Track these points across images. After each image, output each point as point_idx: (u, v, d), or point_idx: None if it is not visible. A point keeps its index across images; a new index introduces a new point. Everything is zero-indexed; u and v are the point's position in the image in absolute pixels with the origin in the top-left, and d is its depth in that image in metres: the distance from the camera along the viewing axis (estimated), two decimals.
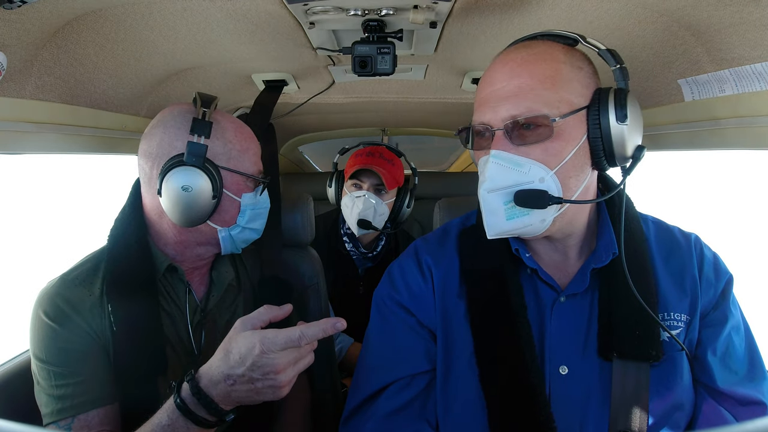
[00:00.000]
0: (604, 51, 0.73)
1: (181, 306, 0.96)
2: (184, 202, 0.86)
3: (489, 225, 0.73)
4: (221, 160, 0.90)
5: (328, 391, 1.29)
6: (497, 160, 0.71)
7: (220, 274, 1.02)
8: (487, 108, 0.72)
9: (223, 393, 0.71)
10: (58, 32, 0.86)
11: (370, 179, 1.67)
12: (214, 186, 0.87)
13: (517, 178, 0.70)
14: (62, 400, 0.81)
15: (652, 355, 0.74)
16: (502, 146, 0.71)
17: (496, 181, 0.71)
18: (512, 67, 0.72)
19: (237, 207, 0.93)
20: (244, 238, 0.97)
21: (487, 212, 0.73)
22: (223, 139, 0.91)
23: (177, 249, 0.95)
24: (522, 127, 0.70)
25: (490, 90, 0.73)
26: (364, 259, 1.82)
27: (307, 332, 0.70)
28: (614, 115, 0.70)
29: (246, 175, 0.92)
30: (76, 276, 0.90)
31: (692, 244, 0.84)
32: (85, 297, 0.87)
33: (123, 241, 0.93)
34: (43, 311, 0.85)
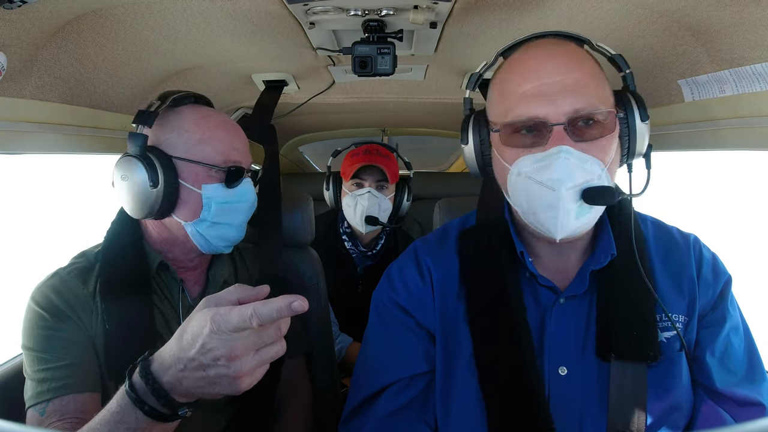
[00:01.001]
0: (617, 56, 0.74)
1: (175, 304, 0.96)
2: (126, 192, 0.87)
3: (562, 226, 0.69)
4: (178, 151, 0.89)
5: (328, 390, 1.29)
6: (568, 156, 0.67)
7: (216, 272, 1.02)
8: (542, 101, 0.68)
9: (173, 380, 0.60)
10: (58, 32, 0.86)
11: (372, 176, 1.68)
12: (152, 175, 0.85)
13: (584, 175, 0.68)
14: (41, 383, 0.81)
15: (650, 355, 0.74)
16: (566, 142, 0.67)
17: (572, 179, 0.67)
18: (563, 61, 0.69)
19: (199, 199, 0.90)
20: (218, 234, 0.92)
21: (563, 212, 0.68)
22: (179, 129, 0.90)
23: (164, 246, 0.95)
24: (581, 124, 0.68)
25: (539, 82, 0.69)
26: (364, 258, 1.83)
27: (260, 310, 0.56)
28: (638, 115, 0.72)
29: (203, 164, 0.90)
30: (71, 270, 0.91)
31: (691, 244, 0.84)
32: (78, 291, 0.88)
33: (118, 240, 0.94)
34: (35, 301, 0.86)
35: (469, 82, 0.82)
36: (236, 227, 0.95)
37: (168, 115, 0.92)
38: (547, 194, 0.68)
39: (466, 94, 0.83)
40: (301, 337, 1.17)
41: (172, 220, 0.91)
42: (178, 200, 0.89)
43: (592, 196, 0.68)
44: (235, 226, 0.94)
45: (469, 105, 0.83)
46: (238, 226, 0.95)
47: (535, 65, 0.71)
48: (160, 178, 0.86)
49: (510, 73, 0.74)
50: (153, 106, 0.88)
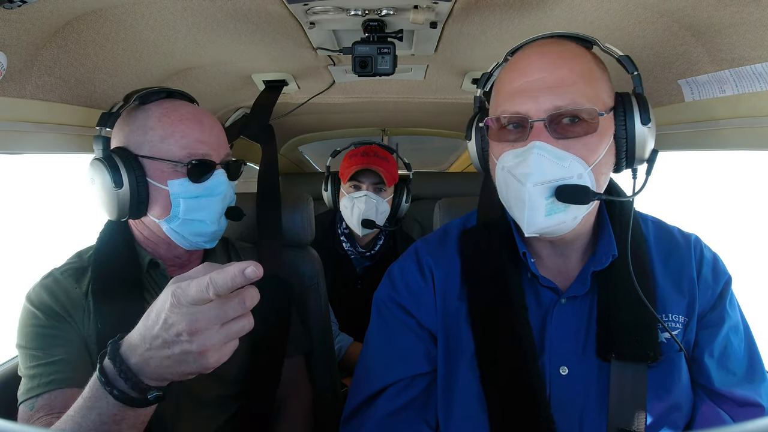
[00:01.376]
0: (624, 57, 0.73)
1: None
2: (96, 195, 0.88)
3: (529, 221, 0.70)
4: (143, 150, 0.89)
5: (328, 390, 1.29)
6: (541, 152, 0.67)
7: None
8: (525, 98, 0.69)
9: (141, 360, 0.58)
10: (58, 32, 0.87)
11: (369, 179, 1.67)
12: (114, 176, 0.85)
13: (559, 172, 0.68)
14: (32, 379, 0.82)
15: (650, 356, 0.74)
16: (543, 138, 0.68)
17: (541, 174, 0.67)
18: (551, 60, 0.70)
19: (167, 196, 0.89)
20: (193, 230, 0.91)
21: (528, 207, 0.69)
22: (144, 127, 0.90)
23: (150, 246, 0.96)
24: (564, 120, 0.68)
25: (525, 80, 0.70)
26: (362, 259, 1.82)
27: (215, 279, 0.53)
28: (639, 118, 0.71)
29: (165, 160, 0.88)
30: (65, 271, 0.92)
31: (692, 245, 0.84)
32: (71, 291, 0.89)
33: (110, 240, 0.95)
34: (29, 301, 0.87)
35: (480, 81, 0.83)
36: (211, 222, 0.92)
37: (136, 114, 0.92)
38: (518, 188, 0.70)
39: (477, 93, 0.84)
40: (300, 336, 1.17)
41: (148, 219, 0.92)
42: (149, 199, 0.89)
43: (564, 193, 0.68)
44: (210, 221, 0.92)
45: (478, 103, 0.83)
46: (214, 220, 0.93)
47: (525, 64, 0.72)
48: (123, 179, 0.86)
49: (505, 72, 0.75)
50: (115, 107, 0.89)
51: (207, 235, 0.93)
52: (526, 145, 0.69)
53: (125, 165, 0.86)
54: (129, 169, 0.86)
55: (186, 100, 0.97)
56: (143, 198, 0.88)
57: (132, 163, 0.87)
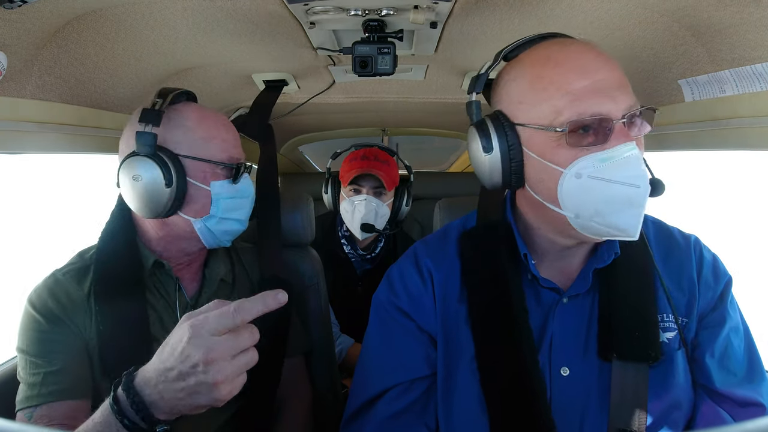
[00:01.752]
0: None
1: (171, 302, 0.96)
2: (138, 192, 0.87)
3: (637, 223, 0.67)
4: (182, 149, 0.90)
5: (328, 391, 1.29)
6: (638, 151, 0.65)
7: (212, 270, 1.02)
8: (603, 98, 0.65)
9: (155, 393, 0.60)
10: (58, 32, 0.86)
11: (369, 183, 1.67)
12: (166, 174, 0.86)
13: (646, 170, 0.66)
14: (31, 388, 0.82)
15: (651, 356, 0.74)
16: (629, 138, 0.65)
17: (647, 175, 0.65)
18: (606, 59, 0.68)
19: (207, 196, 0.92)
20: (225, 229, 0.95)
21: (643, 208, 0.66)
22: (183, 127, 0.91)
23: (161, 245, 0.95)
24: (634, 118, 0.67)
25: (592, 80, 0.65)
26: (363, 261, 1.82)
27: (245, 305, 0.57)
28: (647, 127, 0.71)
29: (211, 161, 0.91)
30: (67, 272, 0.92)
31: (692, 245, 0.84)
32: (73, 292, 0.89)
33: (112, 240, 0.95)
34: (31, 304, 0.87)
35: (477, 84, 0.76)
36: (242, 221, 0.98)
37: (169, 113, 0.92)
38: (627, 192, 0.65)
39: (473, 97, 0.77)
40: (300, 336, 1.17)
41: (177, 217, 0.92)
42: (186, 198, 0.90)
43: (654, 188, 0.67)
44: (241, 220, 0.97)
45: (477, 108, 0.77)
46: (244, 219, 0.98)
47: (583, 62, 0.67)
48: (173, 177, 0.87)
49: (549, 70, 0.68)
50: (157, 104, 0.88)
51: (234, 233, 0.98)
52: (607, 147, 0.65)
53: (173, 163, 0.87)
54: (176, 168, 0.88)
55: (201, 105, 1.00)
56: (182, 197, 0.90)
57: (176, 162, 0.88)
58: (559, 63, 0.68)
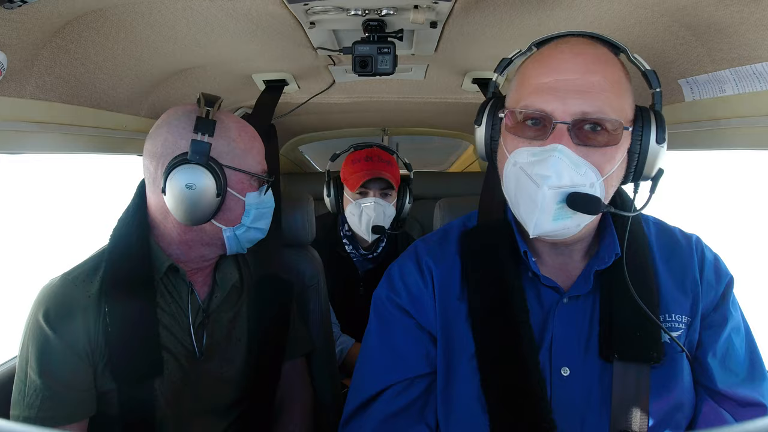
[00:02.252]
0: (650, 71, 0.73)
1: (183, 307, 0.95)
2: (189, 200, 0.86)
3: (537, 223, 0.69)
4: (225, 159, 0.90)
5: (328, 391, 1.29)
6: (562, 156, 0.66)
7: (224, 275, 1.02)
8: (553, 96, 0.67)
9: None
10: (58, 32, 0.86)
11: (377, 185, 1.66)
12: (218, 184, 0.87)
13: (574, 179, 0.67)
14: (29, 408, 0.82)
15: (653, 356, 0.74)
16: (565, 142, 0.66)
17: (558, 179, 0.66)
18: (586, 62, 0.68)
19: (242, 206, 0.93)
20: (250, 237, 0.96)
21: (539, 209, 0.68)
22: (226, 137, 0.91)
23: (181, 249, 0.94)
24: (586, 127, 0.67)
25: (555, 78, 0.68)
26: (365, 261, 1.82)
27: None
28: (655, 136, 0.71)
29: (250, 173, 0.92)
30: (77, 276, 0.90)
31: (693, 245, 0.83)
32: (82, 297, 0.87)
33: (124, 241, 0.93)
34: (42, 313, 0.85)
35: (499, 66, 0.81)
36: (265, 230, 0.99)
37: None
38: (531, 188, 0.68)
39: (493, 78, 0.81)
40: (301, 337, 1.17)
41: (208, 224, 0.91)
42: (223, 206, 0.91)
43: (575, 201, 0.67)
44: (264, 229, 0.99)
45: (493, 88, 0.81)
46: (266, 228, 1.00)
47: (557, 61, 0.70)
48: (223, 188, 0.88)
49: (533, 64, 0.73)
50: (209, 113, 0.88)
51: (255, 241, 0.99)
52: (545, 145, 0.68)
53: (222, 175, 0.88)
54: (223, 179, 0.88)
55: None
56: (220, 205, 0.90)
57: (222, 173, 0.89)
58: (541, 59, 0.72)
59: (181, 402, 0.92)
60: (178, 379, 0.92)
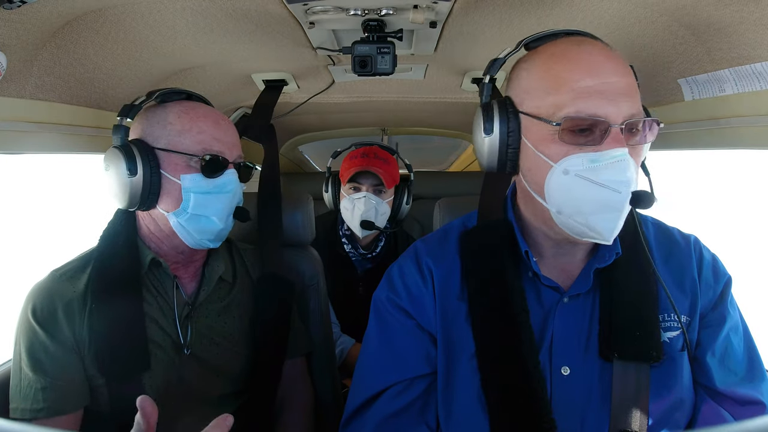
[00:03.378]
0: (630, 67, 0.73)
1: (169, 300, 0.96)
2: (108, 182, 0.90)
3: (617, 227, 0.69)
4: (160, 142, 0.91)
5: (328, 392, 1.29)
6: (630, 159, 0.66)
7: (212, 269, 1.02)
8: (604, 101, 0.66)
9: None
10: (58, 32, 0.87)
11: (369, 180, 1.67)
12: (129, 164, 0.86)
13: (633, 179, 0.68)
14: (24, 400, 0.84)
15: (653, 356, 0.74)
16: (623, 144, 0.66)
17: (632, 183, 0.67)
18: (620, 64, 0.69)
19: (178, 189, 0.90)
20: (200, 227, 0.92)
21: (621, 214, 0.68)
22: (163, 122, 0.92)
23: (154, 241, 0.96)
24: (634, 128, 0.68)
25: (598, 81, 0.66)
26: (364, 260, 1.82)
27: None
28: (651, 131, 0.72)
29: (182, 153, 0.90)
30: (65, 272, 0.92)
31: (691, 245, 0.84)
32: (68, 293, 0.89)
33: (112, 238, 0.96)
34: (30, 309, 0.87)
35: (492, 67, 0.78)
36: (218, 219, 0.93)
37: (156, 110, 0.93)
38: (608, 196, 0.67)
39: (486, 80, 0.79)
40: (302, 336, 1.17)
41: (157, 211, 0.92)
42: (161, 190, 0.91)
43: (638, 199, 0.67)
44: (217, 218, 0.92)
45: (490, 92, 0.79)
46: (221, 217, 0.93)
47: (593, 62, 0.68)
48: (138, 167, 0.87)
49: (561, 65, 0.69)
50: (138, 100, 0.91)
51: (212, 233, 0.94)
52: (601, 150, 0.66)
53: (141, 154, 0.88)
54: (144, 159, 0.88)
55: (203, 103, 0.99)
56: (155, 189, 0.90)
57: (148, 154, 0.89)
58: (570, 60, 0.69)
59: (171, 395, 0.93)
60: (168, 372, 0.93)
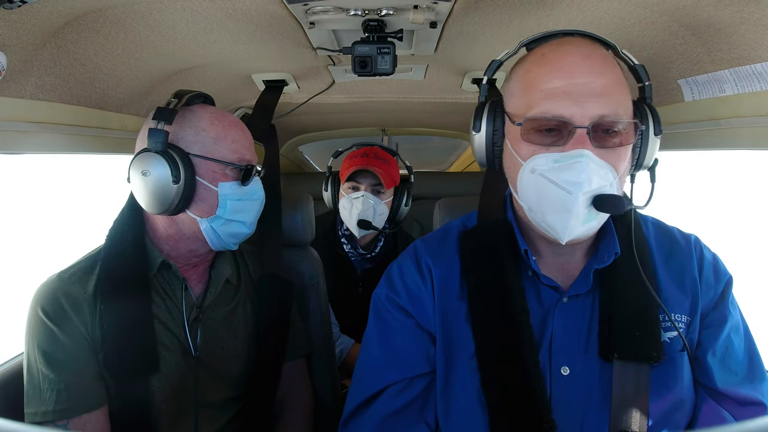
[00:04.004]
0: (640, 66, 0.73)
1: (178, 303, 0.96)
2: (145, 187, 0.88)
3: (571, 228, 0.69)
4: (194, 149, 0.91)
5: (328, 392, 1.29)
6: (589, 161, 0.67)
7: (219, 271, 1.02)
8: (569, 102, 0.67)
9: None
10: (58, 32, 0.87)
11: (368, 180, 1.67)
12: (174, 171, 0.86)
13: (599, 181, 0.68)
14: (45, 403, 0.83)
15: (653, 356, 0.74)
16: (588, 146, 0.67)
17: (589, 184, 0.67)
18: (596, 64, 0.69)
19: (214, 196, 0.92)
20: (230, 231, 0.95)
21: (573, 216, 0.69)
22: (195, 127, 0.92)
23: (170, 244, 0.96)
24: (604, 130, 0.68)
25: (569, 82, 0.68)
26: (363, 261, 1.82)
27: None
28: (653, 129, 0.73)
29: (220, 162, 0.92)
30: (73, 273, 0.92)
31: (692, 245, 0.84)
32: (79, 294, 0.89)
33: (119, 239, 0.95)
34: (41, 308, 0.86)
35: (489, 69, 0.80)
36: (248, 224, 0.97)
37: (183, 113, 0.93)
38: (561, 196, 0.68)
39: (483, 81, 0.81)
40: (302, 337, 1.17)
41: (185, 216, 0.92)
42: (195, 197, 0.91)
43: (602, 203, 0.68)
44: (248, 223, 0.97)
45: (485, 92, 0.80)
46: (250, 223, 0.97)
47: (566, 63, 0.69)
48: (181, 174, 0.87)
49: (537, 67, 0.71)
50: (171, 104, 0.90)
51: (240, 237, 0.97)
52: (566, 151, 0.68)
53: (182, 161, 0.88)
54: (185, 166, 0.88)
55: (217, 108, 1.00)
56: (190, 195, 0.90)
57: (186, 161, 0.89)
58: (547, 61, 0.71)
59: (178, 397, 0.93)
60: (176, 375, 0.93)
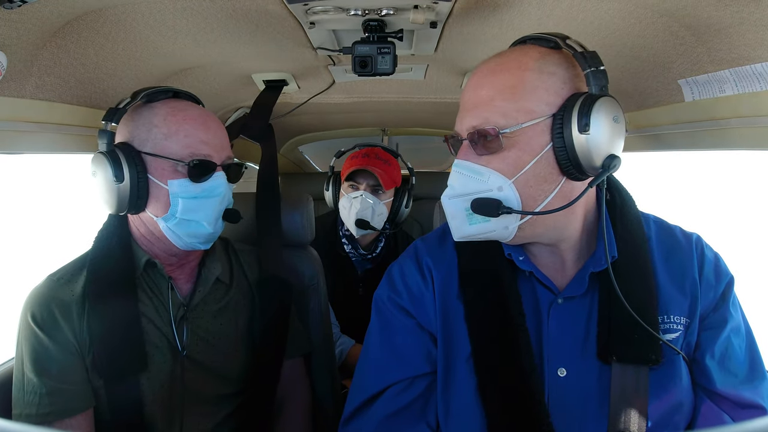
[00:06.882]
0: (578, 54, 0.69)
1: (165, 302, 0.96)
2: (97, 188, 0.90)
3: (453, 228, 0.77)
4: (146, 146, 0.90)
5: (328, 392, 1.29)
6: (458, 168, 0.74)
7: (208, 270, 1.02)
8: (458, 118, 0.76)
9: None
10: (58, 32, 0.87)
11: (367, 180, 1.67)
12: (116, 170, 0.86)
13: (476, 186, 0.72)
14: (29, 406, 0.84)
15: (652, 358, 0.74)
16: (465, 156, 0.74)
17: (455, 189, 0.75)
18: (478, 78, 0.75)
19: (165, 194, 0.90)
20: (189, 231, 0.91)
21: (450, 217, 0.76)
22: (148, 124, 0.91)
23: (147, 244, 0.96)
24: (480, 138, 0.72)
25: (461, 101, 0.77)
26: (364, 261, 1.82)
27: None
28: (576, 125, 0.67)
29: (168, 158, 0.89)
30: (61, 276, 0.92)
31: (693, 244, 0.83)
32: (67, 297, 0.89)
33: (106, 240, 0.95)
34: (30, 314, 0.87)
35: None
36: (208, 223, 0.92)
37: (142, 111, 0.92)
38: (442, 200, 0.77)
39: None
40: (300, 337, 1.17)
41: (146, 215, 0.92)
42: (149, 196, 0.90)
43: (477, 206, 0.72)
44: (207, 222, 0.92)
45: None
46: (210, 221, 0.92)
47: (467, 83, 0.77)
48: (125, 174, 0.87)
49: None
50: (122, 103, 0.90)
51: (202, 236, 0.93)
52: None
53: (127, 160, 0.87)
54: (131, 164, 0.87)
55: (192, 102, 0.98)
56: (143, 194, 0.89)
57: (134, 159, 0.88)
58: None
59: (168, 395, 0.93)
60: (165, 373, 0.93)
